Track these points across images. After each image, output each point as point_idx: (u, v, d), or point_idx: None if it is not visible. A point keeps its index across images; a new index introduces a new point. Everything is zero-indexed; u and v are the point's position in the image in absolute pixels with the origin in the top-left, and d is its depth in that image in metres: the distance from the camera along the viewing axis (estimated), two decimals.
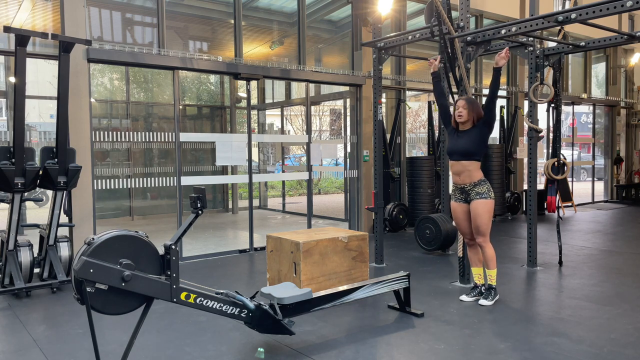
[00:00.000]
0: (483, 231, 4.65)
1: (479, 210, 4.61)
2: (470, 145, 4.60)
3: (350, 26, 8.66)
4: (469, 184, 4.64)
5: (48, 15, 7.29)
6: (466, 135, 4.65)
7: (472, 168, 4.61)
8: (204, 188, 3.37)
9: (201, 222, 10.01)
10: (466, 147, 4.61)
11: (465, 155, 4.61)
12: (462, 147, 4.62)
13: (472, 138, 4.61)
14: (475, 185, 4.62)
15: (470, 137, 4.62)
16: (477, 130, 4.62)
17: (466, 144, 4.61)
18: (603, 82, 13.93)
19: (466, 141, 4.62)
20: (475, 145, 4.60)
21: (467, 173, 4.62)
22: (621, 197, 13.47)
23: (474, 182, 4.62)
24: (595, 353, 3.58)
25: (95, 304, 2.90)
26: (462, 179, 4.66)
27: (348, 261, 5.16)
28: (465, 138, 4.63)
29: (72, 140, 5.79)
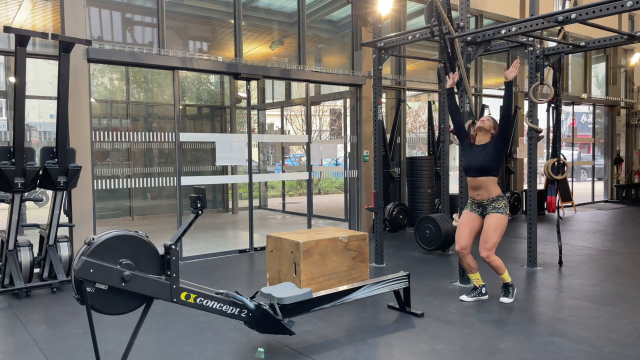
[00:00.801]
0: (491, 245, 4.61)
1: (493, 223, 4.60)
2: (486, 161, 4.61)
3: (350, 26, 8.66)
4: (487, 199, 4.65)
5: (48, 15, 7.29)
6: (483, 150, 4.66)
7: (489, 183, 4.62)
8: (204, 188, 3.37)
9: (201, 222, 10.01)
10: (483, 163, 4.62)
11: (482, 171, 4.61)
12: (479, 164, 4.62)
13: (488, 154, 4.62)
14: (493, 201, 4.63)
15: (487, 152, 4.63)
16: (492, 145, 4.64)
17: (483, 160, 4.62)
18: (603, 82, 13.93)
19: (483, 157, 4.63)
20: (492, 161, 4.61)
21: (485, 189, 4.63)
22: (621, 197, 13.47)
23: (492, 197, 4.63)
24: (595, 353, 3.58)
25: (95, 304, 2.90)
26: (480, 195, 4.67)
27: (348, 261, 5.16)
28: (482, 154, 4.64)
29: (72, 140, 5.79)
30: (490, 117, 4.77)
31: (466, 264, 4.85)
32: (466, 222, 4.78)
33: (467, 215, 4.79)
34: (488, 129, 4.68)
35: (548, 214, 10.72)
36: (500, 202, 4.61)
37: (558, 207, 6.89)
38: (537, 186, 6.28)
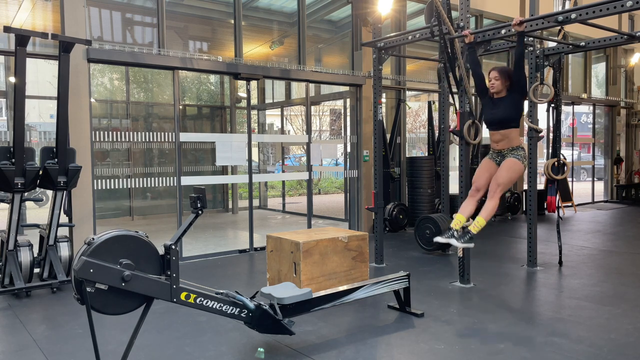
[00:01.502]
0: (500, 183, 4.60)
1: (508, 165, 4.61)
2: (506, 113, 4.64)
3: (350, 26, 8.66)
4: (507, 148, 4.69)
5: (48, 15, 7.29)
6: (501, 103, 4.68)
7: (511, 135, 4.66)
8: (204, 188, 3.37)
9: (201, 222, 10.01)
10: (503, 116, 4.65)
11: (503, 124, 4.65)
12: (499, 117, 4.66)
13: (507, 106, 4.65)
14: (512, 150, 4.66)
15: (506, 105, 4.66)
16: (510, 97, 4.66)
17: (502, 113, 4.65)
18: (603, 82, 13.93)
19: (502, 110, 4.66)
20: (511, 113, 4.64)
21: (506, 141, 4.67)
22: (621, 197, 13.47)
23: (512, 147, 4.67)
24: (595, 353, 3.58)
25: (95, 304, 2.90)
26: (500, 146, 4.72)
27: (348, 261, 5.16)
28: (501, 107, 4.67)
29: (72, 140, 5.79)
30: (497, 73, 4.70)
31: (465, 204, 4.81)
32: (485, 167, 4.81)
33: (487, 162, 4.81)
34: (499, 89, 4.68)
35: (548, 214, 10.72)
36: (519, 151, 4.65)
37: (558, 207, 6.89)
38: (537, 186, 6.28)
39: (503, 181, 4.61)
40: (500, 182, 4.62)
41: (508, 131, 4.65)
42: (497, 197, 4.63)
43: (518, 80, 4.66)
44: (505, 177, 4.61)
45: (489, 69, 4.78)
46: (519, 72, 4.68)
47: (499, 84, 4.67)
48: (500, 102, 4.70)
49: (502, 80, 4.68)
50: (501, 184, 4.61)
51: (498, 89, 4.67)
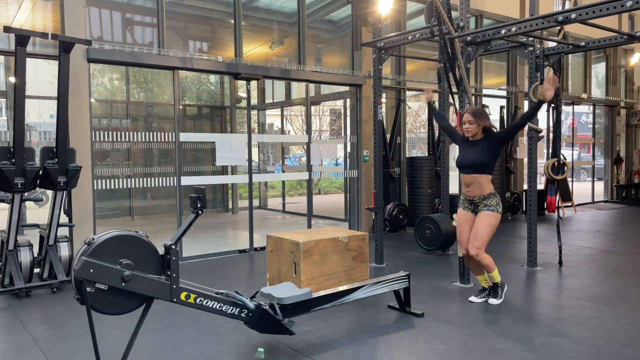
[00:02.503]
0: (480, 242, 4.48)
1: (484, 221, 4.49)
2: (480, 157, 4.48)
3: (350, 26, 8.66)
4: (479, 196, 4.54)
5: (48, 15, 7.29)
6: (477, 146, 4.52)
7: (482, 180, 4.49)
8: (204, 188, 3.37)
9: (201, 222, 10.01)
10: (476, 160, 4.49)
11: (475, 168, 4.49)
12: (471, 160, 4.51)
13: (483, 150, 4.49)
14: (484, 198, 4.52)
15: (481, 149, 4.49)
16: (488, 141, 4.51)
17: (476, 157, 4.49)
18: (603, 82, 13.93)
19: (476, 154, 4.50)
20: (486, 158, 4.48)
21: (477, 185, 4.50)
22: (621, 197, 13.47)
23: (483, 195, 4.52)
24: (595, 353, 3.58)
25: (95, 304, 2.90)
26: (472, 192, 4.55)
27: (348, 261, 5.15)
28: (475, 150, 4.51)
29: (72, 140, 5.79)
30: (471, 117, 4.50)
31: (472, 267, 4.76)
32: (463, 223, 4.68)
33: (463, 215, 4.69)
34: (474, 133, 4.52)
35: (548, 214, 10.72)
36: (492, 199, 4.50)
37: (558, 207, 6.89)
38: (537, 186, 6.28)
39: (481, 238, 4.49)
40: (479, 241, 4.48)
41: (480, 176, 4.48)
42: (483, 253, 4.51)
43: (508, 136, 4.64)
44: (483, 234, 4.48)
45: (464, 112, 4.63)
46: (516, 130, 4.68)
47: (474, 128, 4.50)
48: (475, 146, 4.52)
49: (477, 124, 4.50)
50: (480, 242, 4.48)
51: (473, 133, 4.51)
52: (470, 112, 4.54)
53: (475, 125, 4.49)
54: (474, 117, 4.50)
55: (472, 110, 4.55)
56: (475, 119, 4.49)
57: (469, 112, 4.54)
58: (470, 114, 4.53)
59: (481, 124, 4.50)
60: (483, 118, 4.52)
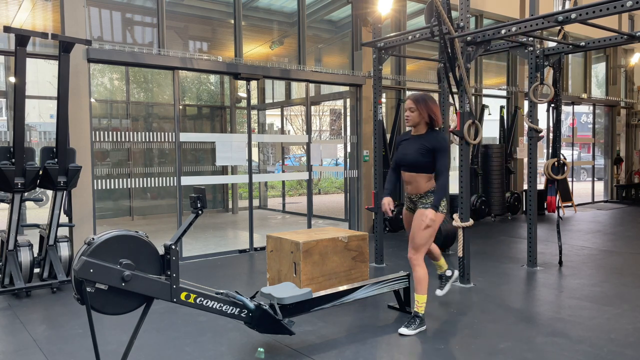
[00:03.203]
0: (417, 244, 4.00)
1: (417, 221, 4.00)
2: (417, 157, 3.97)
3: (350, 26, 8.66)
4: (415, 194, 4.09)
5: (48, 15, 7.29)
6: (417, 143, 4.00)
7: (420, 180, 4.02)
8: (204, 188, 3.37)
9: (201, 222, 10.01)
10: (413, 159, 3.99)
11: (412, 167, 4.02)
12: (410, 158, 4.02)
13: (422, 149, 3.96)
14: (421, 197, 4.05)
15: (420, 148, 3.97)
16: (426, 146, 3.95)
17: (413, 155, 3.99)
18: (603, 82, 13.93)
19: (414, 152, 3.99)
20: (422, 160, 3.96)
21: (415, 184, 4.05)
22: (621, 197, 13.47)
23: (420, 193, 4.05)
24: (595, 353, 3.58)
25: (95, 304, 2.90)
26: (409, 189, 4.12)
27: (348, 261, 5.15)
28: (415, 148, 4.00)
29: (72, 140, 5.79)
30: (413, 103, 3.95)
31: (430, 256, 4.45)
32: (406, 221, 4.29)
33: (405, 216, 4.29)
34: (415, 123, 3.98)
35: (548, 214, 10.72)
36: (429, 197, 4.00)
37: (558, 207, 6.89)
38: (537, 186, 6.28)
39: (418, 240, 3.98)
40: (415, 244, 3.99)
41: (418, 175, 4.01)
42: (420, 261, 4.01)
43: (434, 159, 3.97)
44: (419, 236, 3.97)
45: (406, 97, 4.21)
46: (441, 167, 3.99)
47: (415, 117, 3.96)
48: (416, 142, 4.01)
49: (419, 112, 3.95)
50: (417, 244, 3.99)
51: (414, 122, 3.98)
52: (412, 98, 3.98)
53: (417, 114, 3.94)
54: (415, 102, 3.94)
55: (414, 96, 3.98)
56: (416, 104, 3.94)
57: (411, 98, 3.99)
58: (411, 99, 3.98)
59: (423, 112, 3.93)
60: (426, 105, 3.94)
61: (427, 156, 3.94)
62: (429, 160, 3.95)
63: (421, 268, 4.03)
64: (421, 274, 4.03)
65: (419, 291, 4.05)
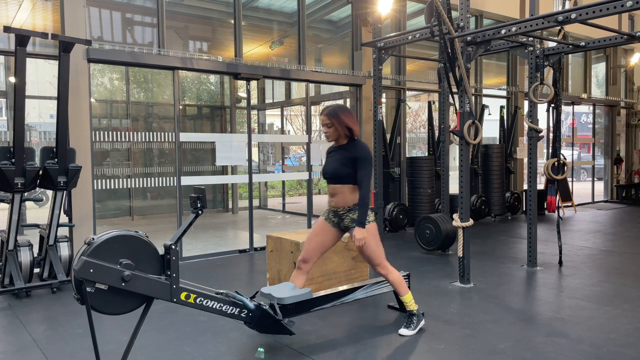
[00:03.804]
0: (376, 259, 3.90)
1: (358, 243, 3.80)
2: (339, 167, 3.81)
3: (350, 26, 8.66)
4: (342, 207, 3.87)
5: (48, 15, 7.29)
6: (339, 154, 3.85)
7: (345, 191, 3.83)
8: (204, 188, 3.37)
9: (201, 222, 10.01)
10: (334, 170, 3.83)
11: (335, 178, 3.85)
12: (331, 169, 3.86)
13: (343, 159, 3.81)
14: (349, 210, 3.85)
15: (342, 158, 3.82)
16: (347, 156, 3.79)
17: (335, 166, 3.83)
18: (603, 82, 13.93)
19: (336, 163, 3.84)
20: (344, 170, 3.79)
21: (340, 196, 3.85)
22: (621, 197, 13.47)
23: (348, 206, 3.85)
24: (595, 353, 3.58)
25: (95, 304, 2.90)
26: (334, 202, 3.90)
27: (348, 261, 5.15)
28: (336, 158, 3.85)
29: (72, 140, 5.79)
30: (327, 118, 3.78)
31: (294, 279, 3.94)
32: (319, 231, 3.96)
33: (321, 224, 3.99)
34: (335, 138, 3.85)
35: (548, 214, 10.72)
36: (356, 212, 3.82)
37: (558, 207, 6.89)
38: (537, 186, 6.28)
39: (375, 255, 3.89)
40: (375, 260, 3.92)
41: (343, 186, 3.82)
42: (388, 268, 3.96)
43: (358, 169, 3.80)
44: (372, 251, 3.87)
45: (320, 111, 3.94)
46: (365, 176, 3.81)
47: (332, 132, 3.80)
48: (338, 153, 3.85)
49: (335, 129, 3.78)
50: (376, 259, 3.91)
51: (333, 137, 3.82)
52: (327, 114, 3.78)
53: (333, 129, 3.78)
54: (329, 118, 3.77)
55: (328, 111, 3.80)
56: (330, 119, 3.77)
57: (325, 114, 3.80)
58: (325, 115, 3.79)
59: (339, 125, 3.76)
60: (339, 118, 3.76)
61: (348, 166, 3.78)
62: (350, 170, 3.78)
63: (392, 273, 3.97)
64: (395, 277, 3.98)
65: (402, 292, 4.03)
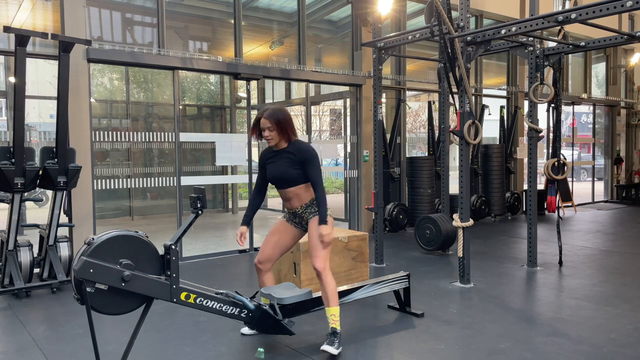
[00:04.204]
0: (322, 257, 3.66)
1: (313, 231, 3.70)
2: (287, 169, 3.71)
3: (350, 26, 8.66)
4: (300, 207, 3.79)
5: (48, 15, 7.29)
6: (283, 157, 3.73)
7: (300, 192, 3.76)
8: (204, 188, 3.37)
9: (201, 222, 10.01)
10: (283, 173, 3.72)
11: (285, 182, 3.74)
12: (279, 174, 3.73)
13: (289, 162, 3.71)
14: (307, 207, 3.78)
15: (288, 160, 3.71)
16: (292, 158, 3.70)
17: (283, 169, 3.72)
18: (603, 82, 13.93)
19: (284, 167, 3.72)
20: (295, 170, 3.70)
21: (296, 198, 3.77)
22: (621, 197, 13.47)
23: (305, 203, 3.78)
24: (595, 353, 3.58)
25: (95, 304, 2.90)
26: (291, 204, 3.81)
27: (348, 261, 5.15)
28: (282, 162, 3.73)
29: (72, 140, 5.79)
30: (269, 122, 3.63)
31: (261, 282, 3.95)
32: (276, 231, 3.91)
33: (281, 225, 3.93)
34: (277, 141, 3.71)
35: (548, 214, 10.72)
36: (314, 206, 3.76)
37: (558, 207, 6.89)
38: (537, 186, 6.28)
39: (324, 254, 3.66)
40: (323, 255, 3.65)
41: (296, 188, 3.73)
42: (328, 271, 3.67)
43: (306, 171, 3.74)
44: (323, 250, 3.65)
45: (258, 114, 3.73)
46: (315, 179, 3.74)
47: (275, 136, 3.67)
48: (282, 156, 3.73)
49: (279, 130, 3.65)
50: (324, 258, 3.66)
51: (276, 141, 3.69)
52: (269, 116, 3.63)
53: (276, 132, 3.66)
54: (274, 122, 3.63)
55: (270, 113, 3.65)
56: (274, 123, 3.64)
57: (267, 117, 3.63)
58: (268, 118, 3.63)
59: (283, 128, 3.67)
60: (283, 121, 3.67)
61: (297, 167, 3.70)
62: (300, 171, 3.71)
63: (330, 280, 3.67)
64: (332, 286, 3.67)
65: (331, 304, 3.65)
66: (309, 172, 3.71)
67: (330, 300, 3.65)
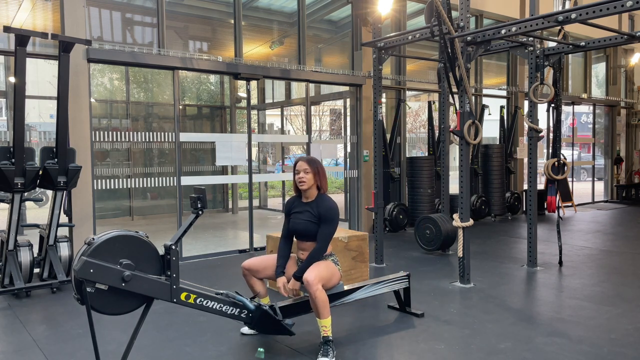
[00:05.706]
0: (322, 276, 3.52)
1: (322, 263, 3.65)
2: (309, 225, 3.67)
3: (350, 26, 8.66)
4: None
5: (48, 15, 7.29)
6: (308, 211, 3.70)
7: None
8: (204, 188, 3.37)
9: (201, 222, 10.01)
10: (306, 229, 3.69)
11: (305, 237, 3.73)
12: (302, 229, 3.71)
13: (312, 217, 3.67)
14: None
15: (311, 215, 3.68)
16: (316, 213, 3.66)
17: (305, 225, 3.69)
18: (603, 82, 13.93)
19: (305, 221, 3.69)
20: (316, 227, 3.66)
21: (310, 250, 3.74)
22: (621, 197, 13.47)
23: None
24: (595, 353, 3.58)
25: (95, 304, 2.90)
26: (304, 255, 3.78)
27: (348, 261, 5.15)
28: (306, 216, 3.69)
29: (72, 140, 5.79)
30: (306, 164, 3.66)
31: (249, 285, 3.88)
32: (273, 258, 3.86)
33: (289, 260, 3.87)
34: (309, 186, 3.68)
35: (548, 214, 10.72)
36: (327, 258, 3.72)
37: (558, 207, 6.89)
38: (537, 186, 6.28)
39: (318, 271, 3.51)
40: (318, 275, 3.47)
41: (313, 243, 3.70)
42: (318, 289, 3.41)
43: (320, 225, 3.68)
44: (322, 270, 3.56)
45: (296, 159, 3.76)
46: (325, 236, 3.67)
47: (310, 179, 3.66)
48: (306, 210, 3.71)
49: (313, 175, 3.66)
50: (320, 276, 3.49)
51: (309, 185, 3.66)
52: (307, 160, 3.69)
53: (311, 176, 3.66)
54: (309, 164, 3.67)
55: (309, 159, 3.72)
56: (310, 166, 3.67)
57: (305, 160, 3.70)
58: (306, 162, 3.68)
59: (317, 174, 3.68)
60: (320, 167, 3.71)
61: (317, 224, 3.67)
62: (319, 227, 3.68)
63: (323, 292, 3.46)
64: (324, 297, 3.47)
65: (323, 315, 3.46)
66: (322, 228, 3.65)
67: (320, 312, 3.45)
